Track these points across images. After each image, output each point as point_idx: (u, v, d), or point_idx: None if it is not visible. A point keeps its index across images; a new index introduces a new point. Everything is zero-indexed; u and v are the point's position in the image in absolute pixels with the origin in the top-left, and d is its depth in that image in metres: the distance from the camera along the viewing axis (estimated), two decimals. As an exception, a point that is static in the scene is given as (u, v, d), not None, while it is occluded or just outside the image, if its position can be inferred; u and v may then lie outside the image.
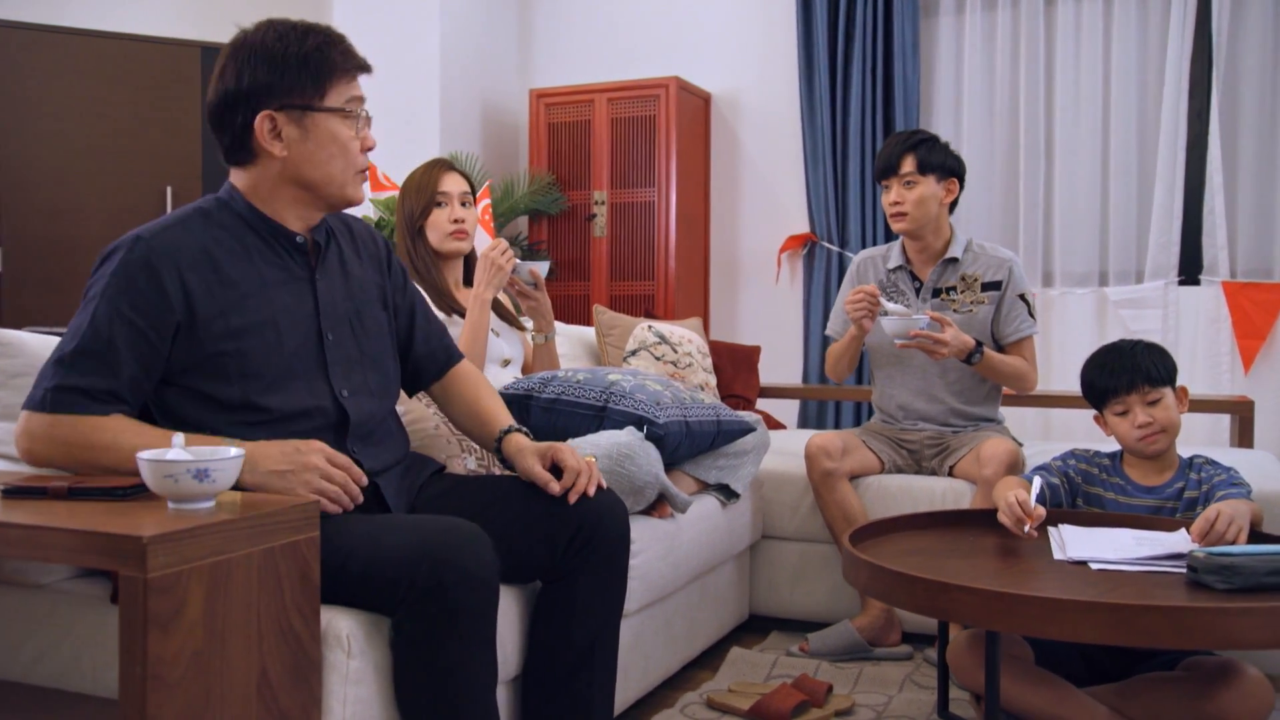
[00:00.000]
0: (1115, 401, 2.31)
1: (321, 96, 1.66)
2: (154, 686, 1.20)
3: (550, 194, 4.96)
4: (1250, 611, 1.59)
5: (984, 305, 2.92)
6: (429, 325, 2.00)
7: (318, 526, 1.43)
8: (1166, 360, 2.32)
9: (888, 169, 2.92)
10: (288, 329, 1.68)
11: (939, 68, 4.73)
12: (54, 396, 1.54)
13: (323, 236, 1.80)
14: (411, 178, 2.67)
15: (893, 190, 2.92)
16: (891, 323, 2.74)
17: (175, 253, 1.60)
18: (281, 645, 1.38)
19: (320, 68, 1.66)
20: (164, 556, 1.21)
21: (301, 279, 1.74)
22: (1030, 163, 4.52)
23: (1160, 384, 2.28)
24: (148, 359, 1.57)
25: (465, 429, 2.01)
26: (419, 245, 2.62)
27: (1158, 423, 2.26)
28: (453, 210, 2.62)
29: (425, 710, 1.52)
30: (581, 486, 1.78)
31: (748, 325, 5.09)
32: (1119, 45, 4.37)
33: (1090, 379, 2.37)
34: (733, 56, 5.10)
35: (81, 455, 1.53)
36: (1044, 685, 2.10)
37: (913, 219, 2.90)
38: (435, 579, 1.47)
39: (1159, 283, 4.32)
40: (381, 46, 4.90)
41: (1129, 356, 2.31)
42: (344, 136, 1.69)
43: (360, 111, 1.72)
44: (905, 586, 1.79)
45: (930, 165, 2.89)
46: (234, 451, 1.38)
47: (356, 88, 1.72)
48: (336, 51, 1.68)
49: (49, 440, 1.54)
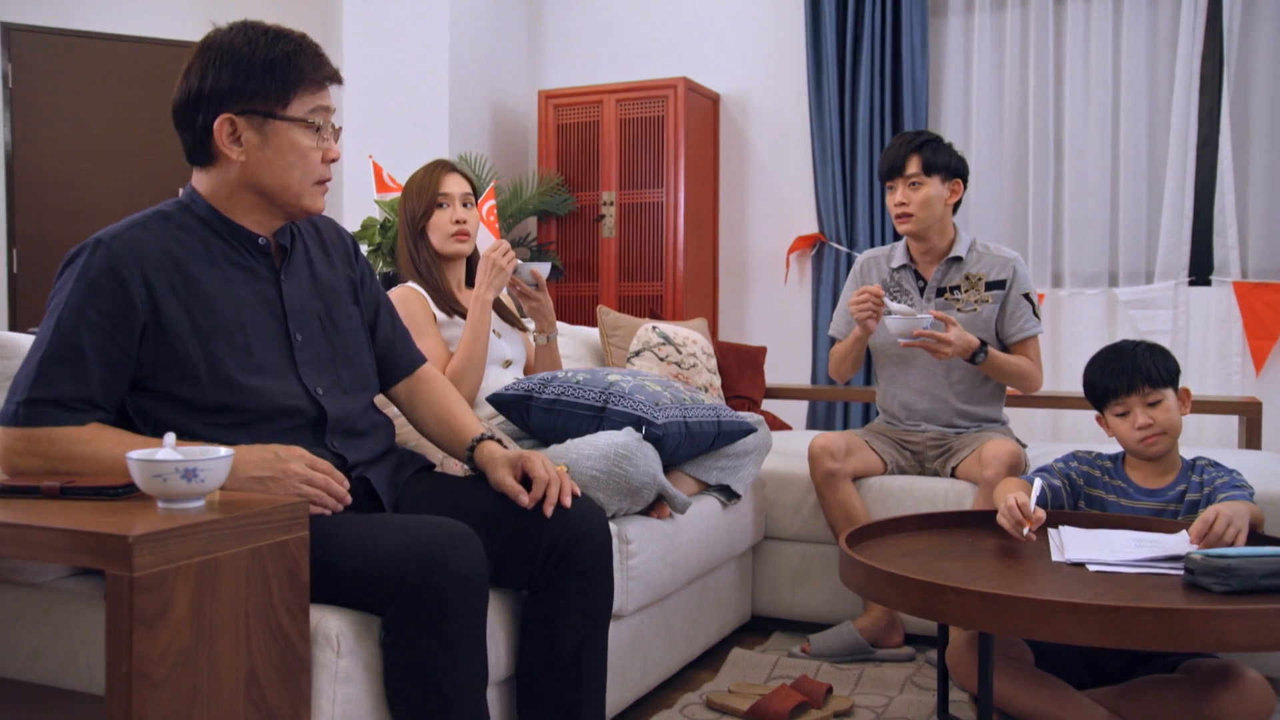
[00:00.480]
0: (1116, 402, 2.30)
1: (284, 104, 1.65)
2: (140, 684, 1.21)
3: (559, 195, 4.97)
4: (1243, 614, 1.58)
5: (988, 304, 2.92)
6: (392, 327, 2.00)
7: (306, 526, 1.44)
8: (1168, 361, 2.31)
9: (893, 170, 2.92)
10: (254, 330, 1.68)
11: (948, 68, 4.72)
12: (27, 410, 1.53)
13: (287, 239, 1.79)
14: (413, 179, 2.68)
15: (898, 191, 2.92)
16: (895, 322, 2.74)
17: (137, 255, 1.59)
18: (270, 644, 1.39)
19: (286, 75, 1.64)
20: (150, 555, 1.22)
21: (266, 280, 1.74)
22: (1039, 162, 4.49)
23: (1161, 385, 2.27)
24: (116, 362, 1.57)
25: (434, 436, 1.97)
26: (421, 246, 2.63)
27: (1158, 424, 2.25)
28: (454, 211, 2.62)
29: (415, 710, 1.52)
30: (553, 497, 1.76)
31: (756, 326, 5.09)
32: (1129, 44, 4.35)
33: (1091, 379, 2.36)
34: (741, 57, 5.10)
35: (63, 468, 1.52)
36: (1043, 687, 2.10)
37: (918, 220, 2.89)
38: (424, 579, 1.48)
39: (1169, 283, 4.29)
40: (391, 48, 4.93)
41: (1130, 357, 2.30)
42: (304, 146, 1.67)
43: (324, 122, 1.69)
44: (898, 588, 1.78)
45: (935, 166, 2.89)
46: (223, 451, 1.39)
47: (325, 98, 1.70)
48: (305, 60, 1.65)
49: (30, 455, 1.54)
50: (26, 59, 5.26)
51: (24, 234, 5.24)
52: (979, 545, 2.16)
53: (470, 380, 2.46)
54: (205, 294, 1.64)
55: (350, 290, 1.90)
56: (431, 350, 2.48)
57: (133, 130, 5.35)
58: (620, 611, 2.22)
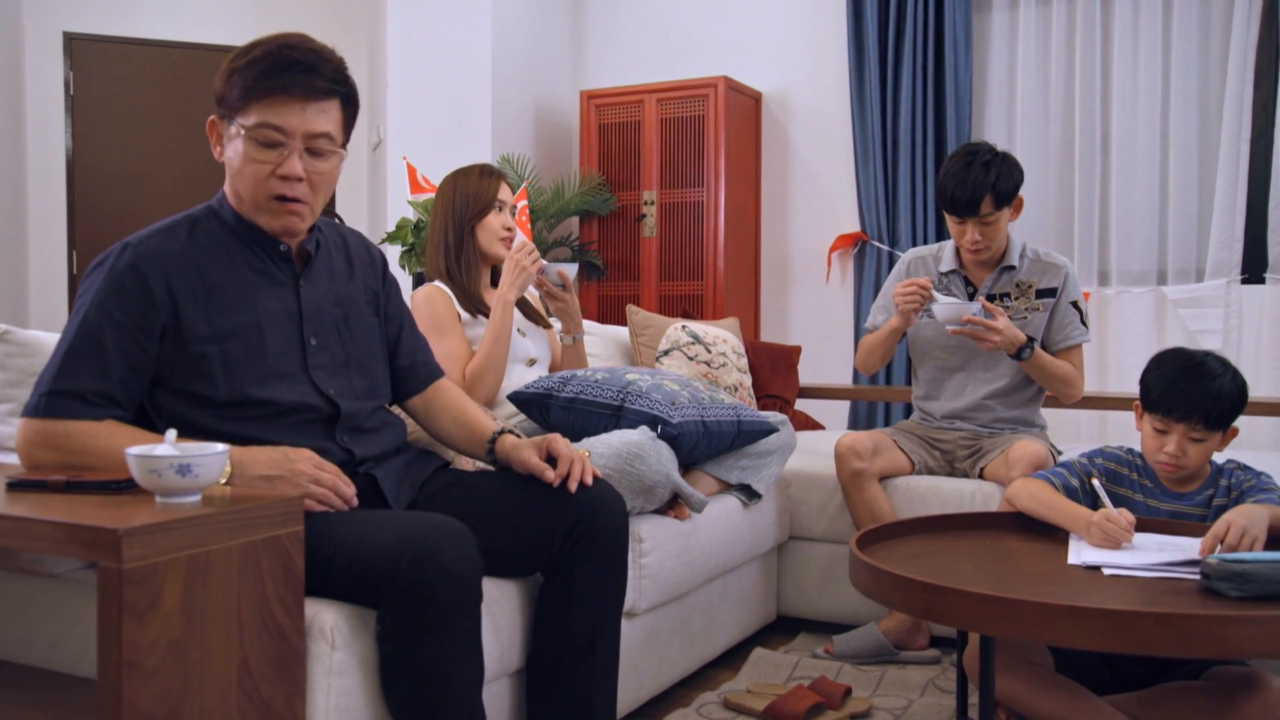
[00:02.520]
0: (1160, 419, 2.17)
1: (242, 112, 1.66)
2: (130, 673, 1.25)
3: (600, 194, 5.00)
4: (1249, 619, 1.54)
5: (1038, 312, 2.86)
6: (414, 341, 2.04)
7: (301, 521, 1.47)
8: (1239, 404, 2.13)
9: (968, 208, 2.73)
10: (270, 332, 1.72)
11: (992, 63, 4.65)
12: (48, 402, 1.58)
13: (312, 245, 1.83)
14: (468, 174, 2.69)
15: (970, 229, 2.76)
16: (943, 308, 2.69)
17: (160, 259, 1.66)
18: (264, 636, 1.42)
19: (247, 83, 1.65)
20: (139, 548, 1.26)
21: (285, 285, 1.78)
22: (1086, 158, 4.41)
23: (1215, 428, 2.12)
24: (137, 360, 1.63)
25: (453, 440, 2.01)
26: (466, 243, 2.65)
27: (1188, 459, 2.13)
28: (505, 217, 2.70)
29: (408, 704, 1.55)
30: (577, 474, 1.81)
31: (797, 324, 5.06)
32: (1179, 35, 4.25)
33: (1150, 383, 2.19)
34: (783, 55, 5.07)
35: (78, 462, 1.57)
36: (1062, 692, 2.06)
37: (993, 251, 2.83)
38: (415, 575, 1.50)
39: (1220, 281, 4.18)
40: (434, 50, 4.99)
41: (1203, 386, 2.10)
42: (248, 156, 1.67)
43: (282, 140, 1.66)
44: (902, 589, 1.77)
45: (1006, 198, 2.74)
46: (219, 448, 1.42)
47: (288, 115, 1.65)
48: (272, 72, 1.64)
49: (47, 447, 1.59)
50: (87, 67, 5.43)
51: (84, 236, 5.40)
52: (998, 547, 2.12)
53: (490, 380, 2.49)
54: (224, 297, 1.69)
55: (371, 303, 1.93)
56: (454, 349, 2.52)
57: (189, 134, 5.46)
58: (633, 610, 2.23)
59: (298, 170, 1.67)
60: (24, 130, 5.34)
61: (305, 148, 1.68)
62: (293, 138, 1.67)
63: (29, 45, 5.34)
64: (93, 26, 5.42)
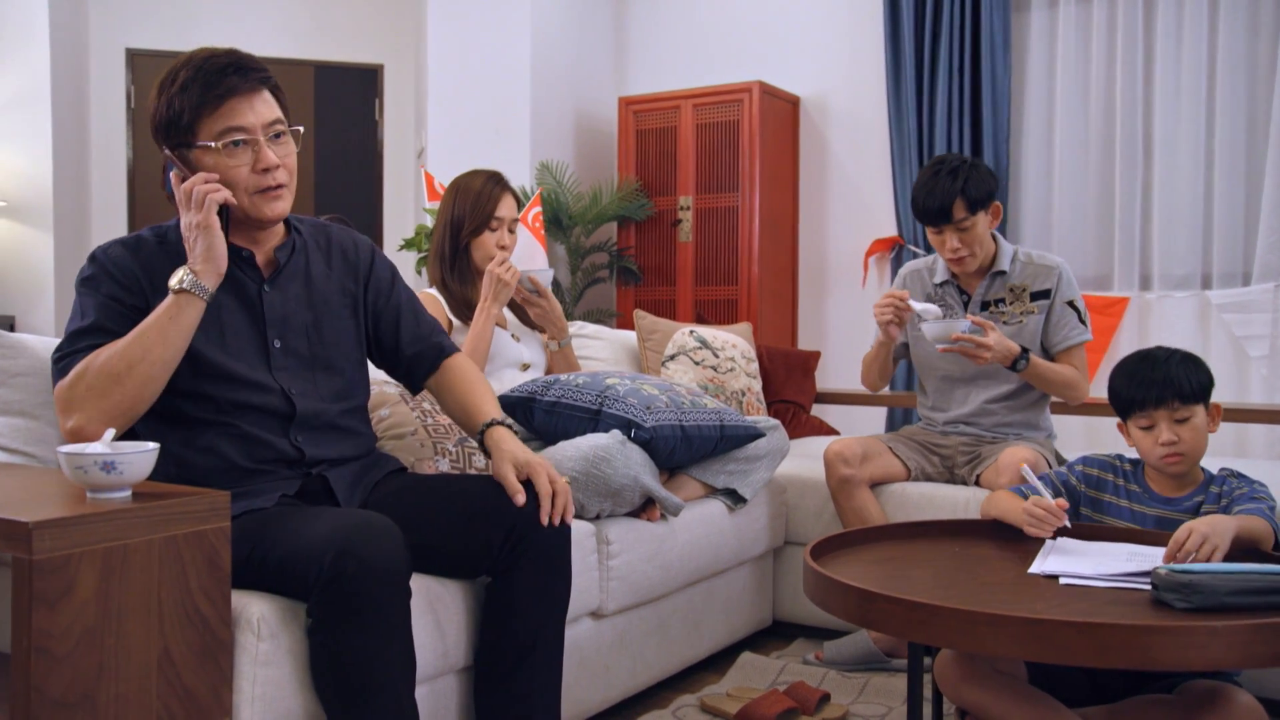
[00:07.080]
0: (1141, 414, 2.17)
1: (197, 133, 1.75)
2: (39, 659, 1.32)
3: (637, 200, 5.03)
4: (1167, 630, 1.50)
5: (1034, 315, 2.82)
6: (418, 325, 2.07)
7: (228, 517, 1.53)
8: (1201, 374, 2.16)
9: (939, 216, 2.72)
10: (231, 331, 1.81)
11: (1031, 64, 4.57)
12: (64, 362, 1.71)
13: (285, 253, 1.90)
14: (470, 186, 2.73)
15: (948, 236, 2.75)
16: (932, 327, 2.67)
17: (135, 257, 1.80)
18: (186, 626, 1.49)
19: (194, 102, 1.73)
20: (51, 541, 1.33)
21: (249, 290, 1.85)
22: (1127, 160, 4.31)
23: (1192, 400, 2.12)
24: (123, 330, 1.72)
25: (456, 421, 2.07)
26: (461, 256, 2.72)
27: (1183, 443, 2.11)
28: (502, 236, 2.72)
29: (336, 696, 1.60)
30: (557, 509, 1.84)
31: (834, 329, 5.03)
32: (1225, 33, 4.13)
33: (1117, 387, 2.22)
34: (820, 59, 5.05)
35: (101, 383, 1.64)
36: (1032, 703, 2.02)
37: (975, 258, 2.80)
38: (338, 569, 1.55)
39: (1268, 285, 4.04)
40: (474, 57, 5.09)
41: (1162, 367, 2.16)
42: (225, 166, 1.76)
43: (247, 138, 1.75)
44: (837, 594, 1.76)
45: (979, 202, 2.72)
46: (149, 446, 1.49)
47: (244, 114, 1.75)
48: (212, 82, 1.74)
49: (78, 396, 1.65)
50: (148, 80, 5.64)
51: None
52: (968, 554, 2.10)
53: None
54: None
55: (348, 305, 1.98)
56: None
57: (244, 145, 5.68)
58: (600, 610, 2.26)
59: (273, 159, 1.79)
60: (88, 141, 5.59)
61: (267, 137, 1.79)
62: (255, 132, 1.78)
63: (94, 61, 5.59)
64: (154, 42, 5.64)
